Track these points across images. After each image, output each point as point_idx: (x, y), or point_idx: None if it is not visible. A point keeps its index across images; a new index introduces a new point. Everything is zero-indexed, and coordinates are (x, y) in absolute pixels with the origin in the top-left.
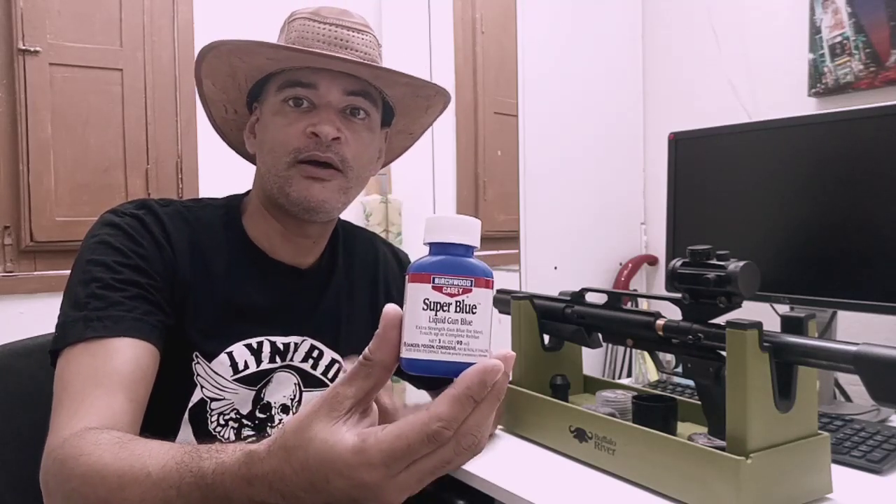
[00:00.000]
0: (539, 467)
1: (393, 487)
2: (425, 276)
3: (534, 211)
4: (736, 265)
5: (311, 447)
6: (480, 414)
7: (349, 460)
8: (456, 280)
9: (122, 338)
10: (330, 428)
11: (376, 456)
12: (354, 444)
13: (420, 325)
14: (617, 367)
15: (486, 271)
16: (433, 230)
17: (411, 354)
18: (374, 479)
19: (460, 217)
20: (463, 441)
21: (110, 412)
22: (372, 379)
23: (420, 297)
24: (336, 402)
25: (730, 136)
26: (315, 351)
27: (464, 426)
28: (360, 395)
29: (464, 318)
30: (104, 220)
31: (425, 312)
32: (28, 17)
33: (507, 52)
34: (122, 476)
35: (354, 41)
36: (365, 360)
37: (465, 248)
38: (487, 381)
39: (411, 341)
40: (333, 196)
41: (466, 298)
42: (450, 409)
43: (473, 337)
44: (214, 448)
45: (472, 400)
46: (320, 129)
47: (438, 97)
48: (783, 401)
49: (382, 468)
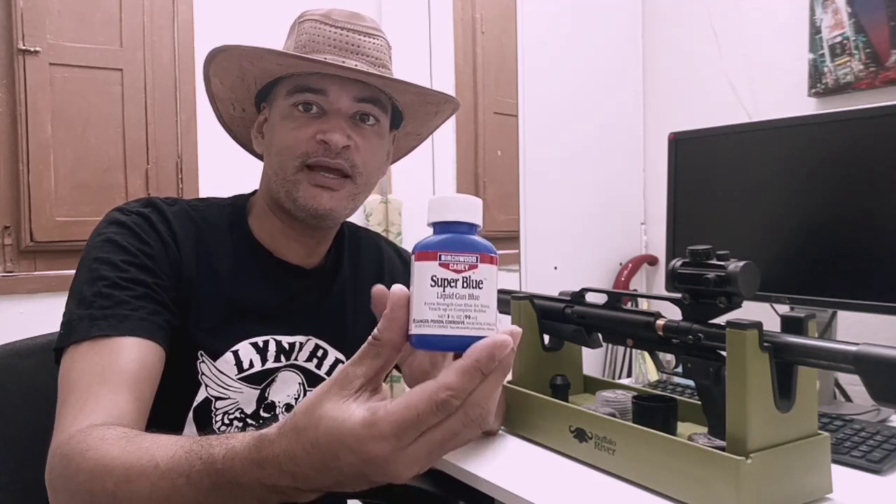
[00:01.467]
0: (539, 467)
1: (403, 460)
2: (432, 253)
3: (534, 211)
4: (736, 265)
5: (322, 425)
6: (488, 387)
7: (360, 433)
8: (462, 256)
9: (128, 337)
10: (340, 405)
11: (386, 427)
12: (364, 418)
13: (428, 301)
14: (617, 367)
15: (489, 248)
16: (437, 210)
17: (421, 330)
18: (385, 451)
19: (462, 196)
20: (470, 412)
21: (116, 410)
22: (381, 358)
23: (427, 274)
24: (346, 381)
25: (730, 136)
26: (320, 350)
27: (471, 397)
28: (369, 374)
29: (471, 293)
30: (110, 217)
31: (433, 289)
32: (28, 17)
33: (507, 52)
34: (130, 468)
35: (366, 46)
36: (374, 339)
37: (469, 225)
38: (496, 355)
39: (420, 317)
40: (341, 204)
41: (473, 274)
42: (458, 380)
43: (481, 311)
44: (224, 436)
45: (480, 372)
46: (330, 137)
47: (448, 105)
48: (783, 401)
49: (393, 439)
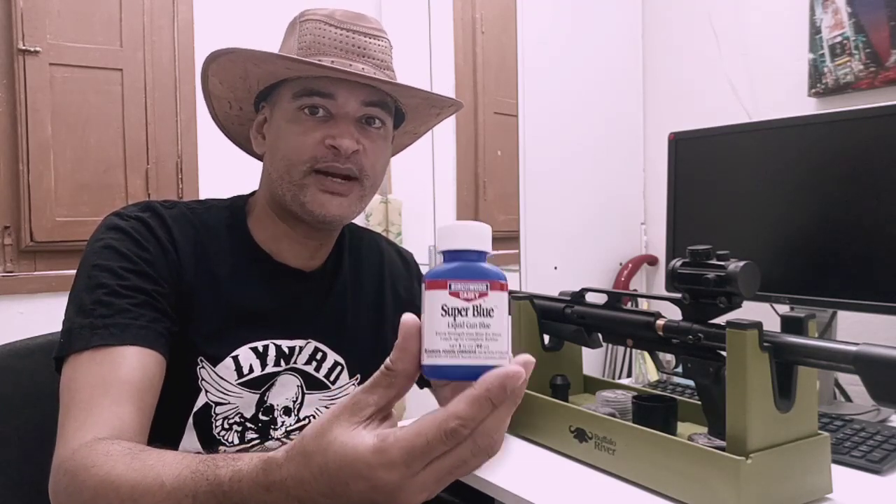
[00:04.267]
0: (539, 467)
1: (412, 488)
2: (442, 282)
3: (534, 211)
4: (736, 265)
5: (331, 450)
6: (498, 416)
7: (369, 460)
8: (472, 285)
9: (129, 346)
10: (350, 432)
11: (396, 455)
12: (374, 444)
13: (439, 330)
14: (617, 367)
15: (500, 275)
16: (446, 238)
17: (433, 361)
18: (394, 479)
19: (472, 223)
20: (480, 441)
21: (118, 421)
22: (395, 388)
23: (438, 303)
24: (357, 408)
25: (730, 136)
26: (319, 353)
27: (481, 427)
28: (381, 403)
29: (482, 321)
30: (108, 223)
31: (444, 318)
32: (28, 17)
33: (507, 52)
34: (136, 487)
35: (371, 48)
36: (387, 370)
37: (479, 253)
38: (508, 386)
39: (432, 347)
40: (350, 209)
41: (483, 302)
42: (468, 409)
43: (492, 340)
44: (230, 456)
45: (491, 402)
46: (340, 142)
47: (452, 108)
48: (783, 401)
49: (402, 467)
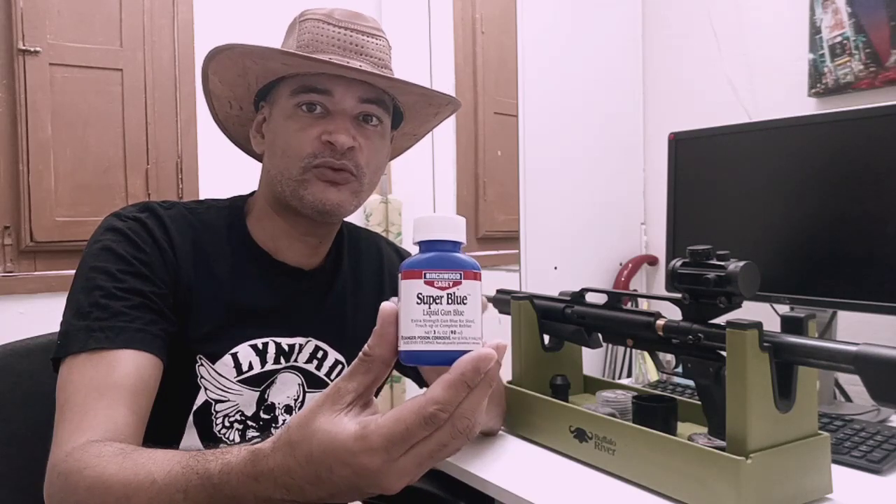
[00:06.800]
0: (539, 467)
1: (394, 472)
2: (417, 272)
3: (534, 211)
4: (736, 265)
5: (315, 439)
6: (474, 399)
7: (351, 447)
8: (446, 274)
9: (125, 349)
10: (332, 420)
11: (377, 441)
12: (356, 431)
13: (415, 318)
14: (617, 367)
15: (473, 264)
16: (421, 229)
17: (409, 347)
18: (376, 464)
19: (446, 215)
20: (458, 424)
21: (113, 425)
22: (372, 373)
23: (413, 292)
24: (338, 396)
25: (730, 136)
26: (319, 352)
27: (458, 410)
28: (360, 389)
29: (456, 308)
30: (107, 224)
31: (419, 306)
32: (28, 17)
33: (507, 52)
34: (128, 485)
35: (369, 46)
36: (364, 355)
37: (453, 244)
38: (481, 368)
39: (408, 334)
40: (347, 199)
41: (457, 290)
42: (445, 393)
43: (466, 326)
44: (219, 450)
45: (466, 385)
46: (336, 138)
47: (450, 106)
48: (783, 401)
49: (383, 452)
